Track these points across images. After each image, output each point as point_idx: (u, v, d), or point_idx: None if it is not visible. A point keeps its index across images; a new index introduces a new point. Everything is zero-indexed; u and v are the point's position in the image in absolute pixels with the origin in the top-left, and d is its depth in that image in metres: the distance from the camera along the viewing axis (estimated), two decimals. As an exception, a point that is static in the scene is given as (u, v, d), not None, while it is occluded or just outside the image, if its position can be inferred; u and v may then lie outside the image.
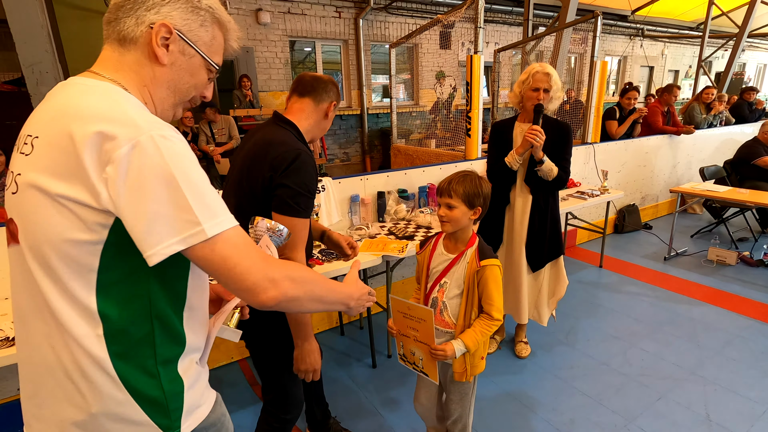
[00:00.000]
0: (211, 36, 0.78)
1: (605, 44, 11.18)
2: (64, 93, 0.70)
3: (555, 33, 4.87)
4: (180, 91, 0.79)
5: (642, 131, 4.65)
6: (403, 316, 1.44)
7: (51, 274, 0.66)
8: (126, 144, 0.61)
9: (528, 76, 2.09)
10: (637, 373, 2.36)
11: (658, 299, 3.17)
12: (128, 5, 0.71)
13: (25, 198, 0.66)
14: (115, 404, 0.71)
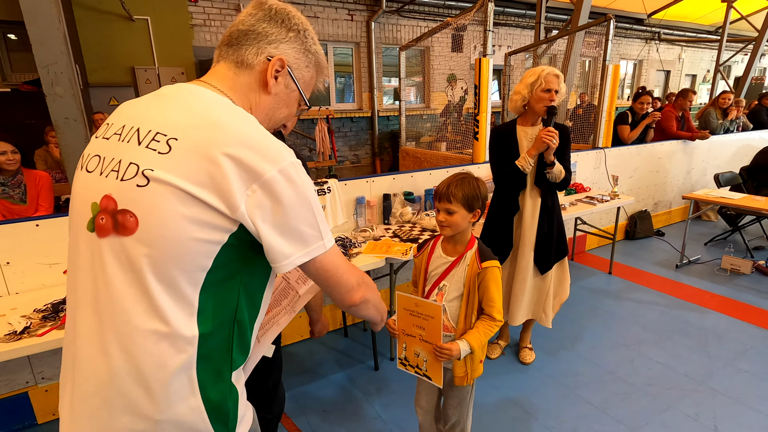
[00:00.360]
0: (310, 76, 0.87)
1: (620, 48, 11.04)
2: (200, 102, 0.73)
3: (567, 36, 4.82)
4: (274, 119, 0.86)
5: (655, 136, 4.57)
6: (410, 313, 1.41)
7: (162, 268, 0.66)
8: (272, 170, 0.67)
9: (537, 78, 2.08)
10: (644, 382, 2.32)
11: (668, 307, 3.11)
12: (252, 36, 0.78)
13: (157, 193, 0.66)
14: (186, 410, 0.70)
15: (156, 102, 0.75)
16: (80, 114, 2.62)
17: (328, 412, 2.15)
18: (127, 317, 0.67)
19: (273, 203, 0.68)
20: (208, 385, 0.72)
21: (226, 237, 0.68)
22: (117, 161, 0.70)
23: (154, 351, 0.68)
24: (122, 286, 0.67)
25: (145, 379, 0.68)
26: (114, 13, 5.91)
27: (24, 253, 2.00)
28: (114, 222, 0.68)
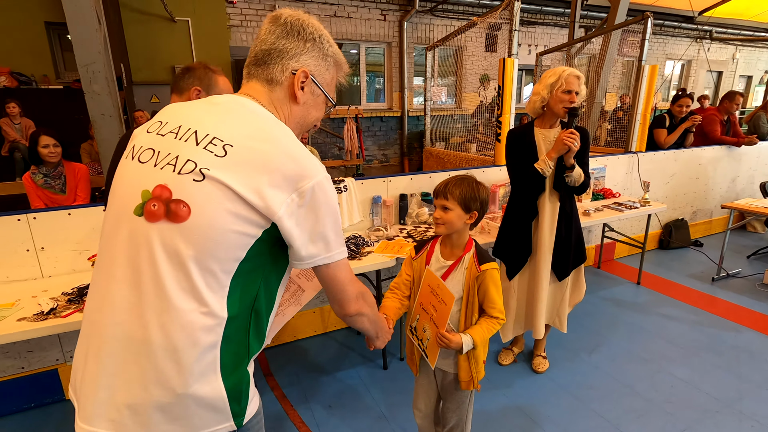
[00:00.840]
0: (331, 76, 0.95)
1: (667, 47, 10.49)
2: (252, 115, 0.84)
3: (603, 35, 4.63)
4: (306, 123, 0.96)
5: (696, 141, 4.32)
6: (430, 291, 1.41)
7: (200, 255, 0.74)
8: (311, 181, 0.78)
9: (558, 78, 2.01)
10: (663, 399, 2.20)
11: (698, 322, 2.94)
12: (274, 54, 0.87)
13: (211, 189, 0.75)
14: (208, 388, 0.77)
15: (210, 109, 0.85)
16: (116, 110, 2.78)
17: (334, 407, 2.19)
18: (167, 296, 0.74)
19: (307, 210, 0.79)
20: (228, 366, 0.79)
21: (260, 232, 0.77)
22: (174, 156, 0.78)
23: (189, 329, 0.74)
24: (167, 268, 0.74)
25: (179, 354, 0.74)
26: (157, 15, 6.21)
27: (58, 239, 2.15)
28: (167, 209, 0.75)
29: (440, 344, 1.38)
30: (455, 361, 1.49)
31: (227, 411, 0.80)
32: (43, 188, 2.77)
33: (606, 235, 3.79)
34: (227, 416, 0.80)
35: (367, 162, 8.03)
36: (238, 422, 0.82)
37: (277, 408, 2.18)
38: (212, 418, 0.79)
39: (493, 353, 2.59)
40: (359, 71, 8.00)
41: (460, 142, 7.23)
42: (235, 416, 0.81)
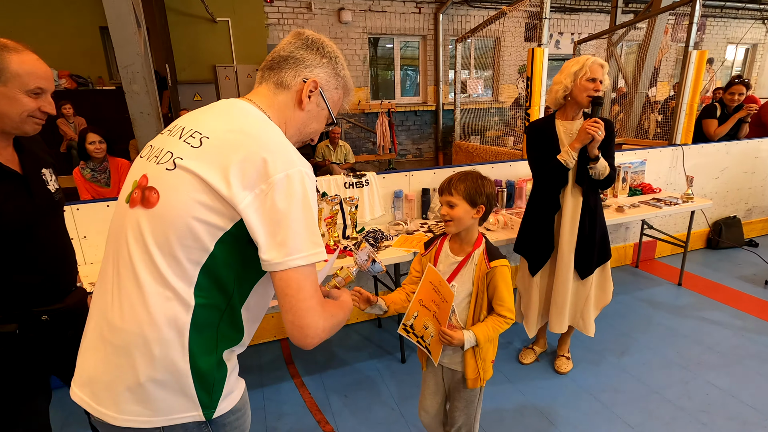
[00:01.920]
0: (338, 96, 0.99)
1: (728, 30, 9.68)
2: (233, 111, 0.86)
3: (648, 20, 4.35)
4: (305, 133, 0.97)
5: (752, 132, 3.97)
6: (432, 288, 1.41)
7: (167, 241, 0.76)
8: (283, 173, 0.76)
9: (582, 67, 1.93)
10: (696, 408, 2.07)
11: (745, 329, 2.72)
12: (291, 61, 0.90)
13: (180, 178, 0.77)
14: (172, 372, 0.78)
15: (206, 110, 0.89)
16: (154, 109, 2.95)
17: (350, 397, 2.23)
18: (136, 278, 0.78)
19: (274, 203, 0.75)
20: (197, 354, 0.79)
21: (230, 225, 0.76)
22: (159, 149, 0.85)
23: (154, 312, 0.77)
24: (136, 251, 0.78)
25: (145, 337, 0.77)
26: (200, 16, 6.48)
27: (98, 229, 2.32)
28: (142, 196, 0.80)
29: (442, 341, 1.37)
30: (462, 360, 1.47)
31: (195, 399, 0.80)
32: (90, 182, 2.99)
33: (645, 233, 3.58)
34: (195, 405, 0.80)
35: (400, 156, 8.02)
36: (207, 414, 0.82)
37: (296, 396, 2.25)
38: (178, 404, 0.80)
39: (514, 351, 2.54)
40: (393, 65, 7.98)
41: (497, 136, 7.06)
42: (204, 407, 0.81)
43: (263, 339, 2.75)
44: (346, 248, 2.29)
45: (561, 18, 8.50)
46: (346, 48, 7.33)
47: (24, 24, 5.84)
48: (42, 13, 5.89)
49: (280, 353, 2.65)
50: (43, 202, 1.22)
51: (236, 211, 0.75)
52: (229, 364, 0.86)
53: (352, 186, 2.69)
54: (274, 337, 2.78)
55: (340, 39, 7.26)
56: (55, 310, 1.25)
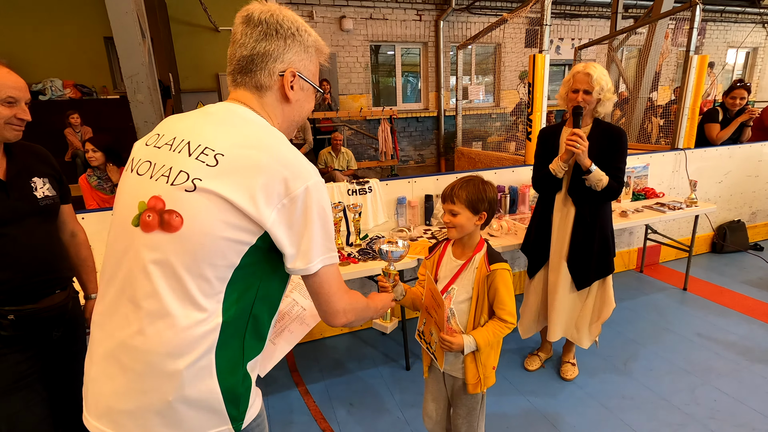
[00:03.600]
0: (315, 65, 0.94)
1: (728, 35, 9.71)
2: (243, 122, 0.84)
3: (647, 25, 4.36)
4: (300, 120, 0.96)
5: (754, 136, 3.97)
6: (432, 296, 1.42)
7: (192, 263, 0.75)
8: (302, 185, 0.78)
9: (571, 77, 1.94)
10: (704, 414, 2.05)
11: (752, 334, 2.70)
12: (258, 59, 0.86)
13: (203, 199, 0.76)
14: (204, 390, 0.77)
15: (204, 119, 0.85)
16: (158, 118, 2.97)
17: (355, 405, 2.22)
18: (161, 303, 0.76)
19: (297, 215, 0.78)
20: (225, 370, 0.79)
21: (255, 239, 0.77)
22: (168, 168, 0.80)
23: (183, 335, 0.76)
24: (159, 276, 0.76)
25: (173, 360, 0.75)
26: (203, 26, 6.56)
27: (103, 238, 2.33)
28: (160, 219, 0.77)
29: (442, 347, 1.38)
30: (463, 366, 1.47)
31: (224, 414, 0.80)
32: (96, 189, 3.01)
33: (649, 238, 3.57)
34: (224, 419, 0.81)
35: (402, 163, 8.04)
36: (236, 426, 0.82)
37: (301, 404, 2.24)
38: (209, 421, 0.79)
39: (519, 358, 2.52)
40: (395, 72, 8.03)
41: (498, 141, 7.07)
42: (233, 420, 0.81)
43: (267, 347, 2.74)
44: (350, 255, 2.29)
45: (561, 24, 8.55)
46: (347, 56, 7.39)
47: (29, 35, 5.91)
48: (47, 24, 5.97)
49: (283, 360, 2.64)
50: (23, 204, 1.28)
51: (262, 227, 0.77)
52: (252, 375, 0.87)
53: (355, 193, 2.70)
54: (278, 344, 2.77)
55: (341, 47, 7.31)
56: (26, 311, 1.26)
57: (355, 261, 2.24)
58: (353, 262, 2.23)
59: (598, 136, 1.94)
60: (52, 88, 5.79)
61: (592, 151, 1.91)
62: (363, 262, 2.24)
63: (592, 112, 1.97)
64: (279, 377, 2.47)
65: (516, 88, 8.40)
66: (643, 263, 3.68)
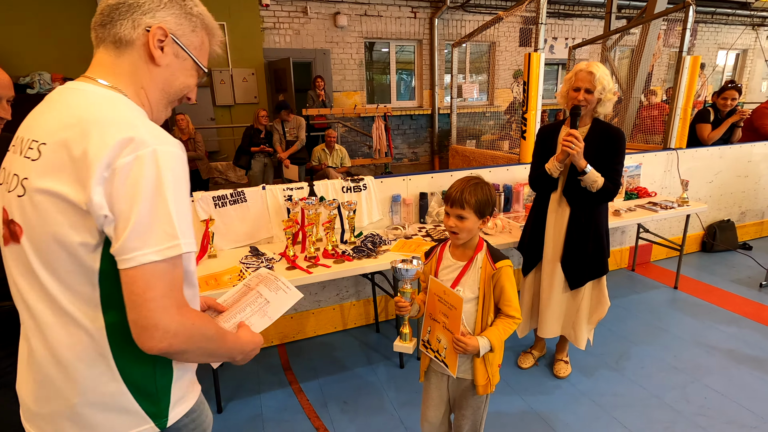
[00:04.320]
0: (200, 41, 0.83)
1: (719, 36, 9.82)
2: (69, 101, 0.73)
3: (641, 26, 4.39)
4: (172, 92, 0.83)
5: (744, 136, 4.02)
6: (438, 299, 1.40)
7: (54, 270, 0.70)
8: (130, 155, 0.65)
9: (572, 75, 1.93)
10: (694, 411, 2.07)
11: (741, 332, 2.74)
12: (123, 8, 0.74)
13: (34, 202, 0.69)
14: (108, 393, 0.74)
15: (43, 108, 0.75)
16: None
17: (348, 403, 2.21)
18: (41, 313, 0.73)
19: (116, 190, 0.64)
20: (128, 368, 0.75)
21: (100, 237, 0.68)
22: (8, 173, 0.75)
23: (68, 342, 0.72)
24: (26, 287, 0.73)
25: (66, 367, 0.73)
26: (195, 20, 6.48)
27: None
28: (9, 231, 0.74)
29: (457, 350, 1.34)
30: (471, 366, 1.46)
31: (141, 413, 0.76)
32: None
33: (641, 237, 3.60)
34: (143, 419, 0.76)
35: (396, 160, 8.03)
36: (160, 423, 0.78)
37: (294, 402, 2.23)
38: (125, 422, 0.76)
39: (512, 356, 2.53)
40: (389, 70, 8.00)
41: (492, 140, 7.09)
42: (154, 417, 0.77)
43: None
44: (344, 253, 2.28)
45: (555, 23, 8.58)
46: (342, 52, 7.34)
47: (16, 27, 5.78)
48: (35, 14, 5.84)
49: (276, 359, 2.62)
50: None
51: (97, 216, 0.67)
52: (176, 368, 0.81)
53: (349, 190, 2.68)
54: (270, 342, 2.75)
55: (335, 43, 7.27)
56: (4, 307, 1.23)
57: (350, 259, 2.23)
58: (348, 260, 2.22)
59: (596, 136, 1.94)
60: (40, 82, 5.67)
61: (590, 152, 1.90)
62: (358, 260, 2.22)
63: (592, 112, 1.96)
64: (272, 375, 2.45)
65: (510, 86, 8.41)
66: (635, 262, 3.71)
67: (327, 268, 2.13)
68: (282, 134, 5.49)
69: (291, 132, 5.52)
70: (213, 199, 2.40)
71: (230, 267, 2.16)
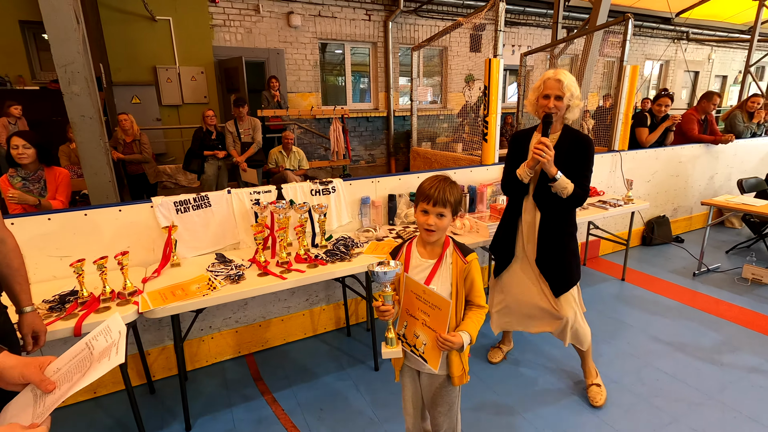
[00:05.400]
0: None
1: (646, 48, 10.72)
2: None
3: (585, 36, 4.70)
4: None
5: (675, 140, 4.42)
6: (416, 297, 1.40)
7: None
8: None
9: (541, 83, 2.00)
10: (650, 393, 2.25)
11: (681, 317, 3.01)
12: None
13: None
14: None
15: None
16: (96, 112, 2.71)
17: (325, 410, 2.17)
18: None
19: None
20: None
21: None
22: None
23: None
24: None
25: None
26: (137, 14, 6.07)
27: (37, 245, 2.08)
28: None
29: (443, 348, 1.36)
30: (446, 361, 1.48)
31: None
32: (20, 191, 2.68)
33: (591, 233, 3.85)
34: None
35: (353, 162, 8.00)
36: None
37: (268, 413, 2.15)
38: None
39: (482, 350, 2.60)
40: (344, 71, 7.97)
41: (446, 142, 7.25)
42: None
43: (225, 356, 2.61)
44: (317, 257, 2.24)
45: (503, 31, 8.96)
46: (296, 52, 7.21)
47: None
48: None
49: (245, 370, 2.52)
50: None
51: None
52: None
53: (318, 193, 2.64)
54: (237, 353, 2.64)
55: (289, 43, 7.13)
56: None
57: (323, 263, 2.19)
58: (321, 264, 2.18)
59: (566, 143, 1.98)
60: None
61: (560, 158, 1.94)
62: (331, 264, 2.19)
63: (562, 119, 2.02)
64: (242, 387, 2.35)
65: (462, 90, 8.67)
66: (587, 256, 3.96)
67: (301, 273, 2.07)
68: (237, 136, 5.29)
69: (246, 133, 5.33)
70: (175, 205, 2.26)
71: (197, 276, 2.05)
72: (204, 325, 2.50)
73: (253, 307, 2.62)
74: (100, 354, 0.90)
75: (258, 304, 2.63)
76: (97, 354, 0.91)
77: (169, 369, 2.45)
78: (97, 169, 2.77)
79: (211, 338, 2.54)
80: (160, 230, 2.24)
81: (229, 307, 2.54)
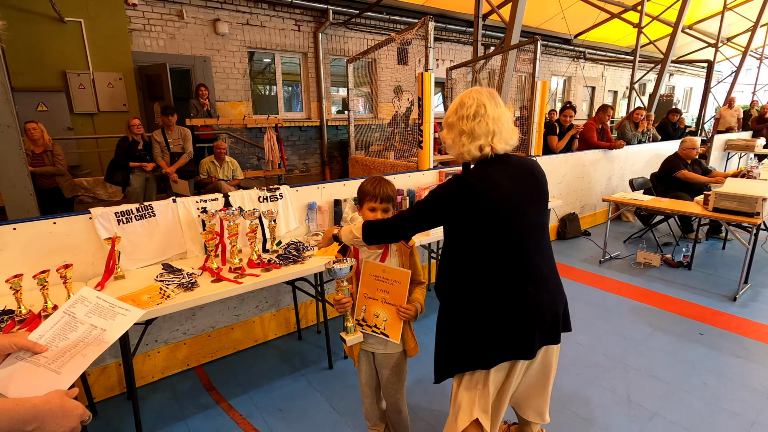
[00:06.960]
0: None
1: (551, 65, 11.97)
2: None
3: (501, 54, 5.24)
4: None
5: (579, 146, 5.07)
6: (375, 278, 1.58)
7: None
8: None
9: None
10: (569, 363, 2.60)
11: (592, 298, 3.48)
12: None
13: None
14: None
15: None
16: (13, 120, 2.51)
17: (285, 410, 2.22)
18: None
19: None
20: None
21: None
22: None
23: None
24: None
25: None
26: (42, 14, 5.57)
27: (-46, 265, 1.90)
28: None
29: (404, 317, 1.55)
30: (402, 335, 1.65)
31: None
32: None
33: (515, 230, 4.28)
34: None
35: (287, 172, 7.96)
36: None
37: (226, 420, 2.15)
38: None
39: (429, 342, 2.80)
40: (275, 81, 7.93)
41: (379, 150, 7.51)
42: None
43: (173, 370, 2.53)
44: (270, 261, 2.29)
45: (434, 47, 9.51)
46: (224, 60, 7.05)
47: None
48: None
49: (196, 381, 2.47)
50: None
51: None
52: None
53: (266, 200, 2.68)
54: (186, 365, 2.58)
55: (216, 51, 6.95)
56: None
57: (277, 266, 2.25)
58: (275, 268, 2.24)
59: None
60: None
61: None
62: (285, 267, 2.26)
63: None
64: (195, 398, 2.32)
65: (392, 101, 9.03)
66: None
67: (256, 277, 2.12)
68: (165, 146, 5.06)
69: (175, 143, 5.12)
70: (116, 215, 2.19)
71: (147, 286, 2.01)
72: (149, 339, 2.41)
73: (201, 317, 2.58)
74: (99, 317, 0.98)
75: (206, 314, 2.59)
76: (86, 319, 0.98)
77: (111, 389, 2.33)
78: (15, 181, 2.57)
79: (158, 352, 2.46)
80: (99, 243, 2.15)
81: (176, 319, 2.48)
